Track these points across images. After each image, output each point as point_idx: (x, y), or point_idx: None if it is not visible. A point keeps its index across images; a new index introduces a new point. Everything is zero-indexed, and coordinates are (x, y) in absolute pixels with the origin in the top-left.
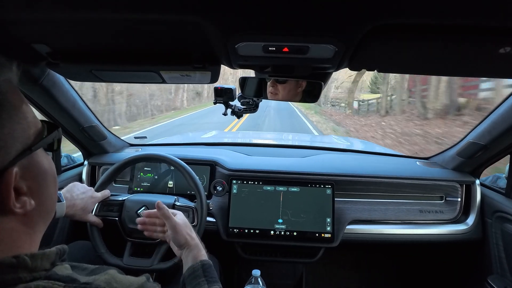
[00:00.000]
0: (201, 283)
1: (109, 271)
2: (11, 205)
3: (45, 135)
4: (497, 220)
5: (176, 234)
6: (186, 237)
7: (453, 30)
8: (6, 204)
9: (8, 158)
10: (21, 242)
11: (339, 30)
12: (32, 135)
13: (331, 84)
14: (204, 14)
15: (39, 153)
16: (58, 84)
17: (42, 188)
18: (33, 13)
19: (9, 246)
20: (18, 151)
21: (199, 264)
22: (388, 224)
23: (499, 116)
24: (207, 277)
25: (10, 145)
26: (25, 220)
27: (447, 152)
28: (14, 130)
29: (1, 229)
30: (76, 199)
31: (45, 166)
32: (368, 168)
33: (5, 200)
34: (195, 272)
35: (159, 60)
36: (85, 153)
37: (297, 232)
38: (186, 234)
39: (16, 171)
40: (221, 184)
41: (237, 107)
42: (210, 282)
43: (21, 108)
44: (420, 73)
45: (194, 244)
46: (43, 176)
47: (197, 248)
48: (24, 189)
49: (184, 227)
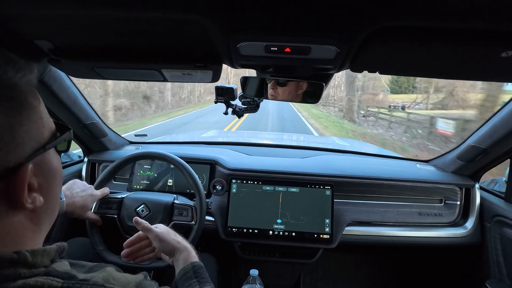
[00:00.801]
0: (193, 284)
1: (107, 269)
2: (23, 200)
3: (58, 135)
4: (496, 224)
5: (161, 243)
6: (172, 243)
7: (455, 32)
8: (19, 198)
9: (24, 154)
10: (26, 238)
11: (341, 31)
12: (46, 135)
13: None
14: (207, 13)
15: (51, 152)
16: (60, 80)
17: (51, 186)
18: (36, 10)
19: (14, 241)
20: (33, 148)
21: (189, 266)
22: (387, 226)
23: (500, 120)
24: (198, 278)
25: (27, 142)
26: (33, 216)
27: (447, 155)
28: (30, 128)
29: (10, 223)
30: (75, 196)
31: (55, 165)
32: (368, 170)
33: (19, 194)
34: (186, 273)
35: (161, 58)
36: (85, 150)
37: (296, 232)
38: (172, 240)
39: (31, 167)
40: (220, 183)
41: (238, 106)
42: (202, 282)
43: (38, 108)
44: (421, 75)
45: (183, 247)
46: (53, 174)
47: (186, 250)
48: (35, 185)
49: (167, 234)
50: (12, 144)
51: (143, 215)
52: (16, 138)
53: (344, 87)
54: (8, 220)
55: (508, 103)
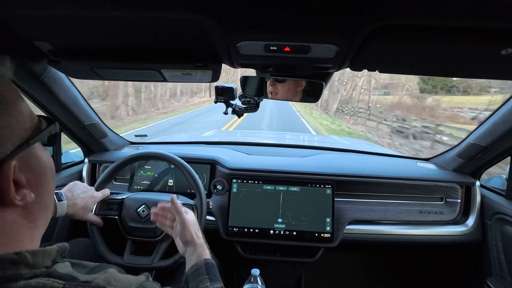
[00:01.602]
0: (204, 280)
1: (108, 270)
2: (11, 197)
3: (42, 129)
4: (497, 222)
5: (184, 230)
6: (192, 234)
7: (455, 30)
8: (7, 196)
9: (5, 151)
10: (22, 236)
11: (341, 30)
12: (29, 129)
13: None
14: (207, 13)
15: (38, 147)
16: (59, 81)
17: (41, 181)
18: (35, 11)
19: (10, 240)
20: (14, 144)
21: (202, 262)
22: (387, 224)
23: (500, 117)
24: (210, 275)
25: (6, 138)
26: (26, 213)
27: (448, 153)
28: (9, 123)
29: (2, 221)
30: (76, 198)
31: (44, 160)
32: (368, 169)
33: (6, 192)
34: (199, 270)
35: (161, 58)
36: (85, 151)
37: (297, 231)
38: (193, 232)
39: (14, 164)
40: (221, 183)
41: (238, 106)
42: (213, 280)
43: (17, 102)
44: (421, 73)
45: (200, 243)
46: (43, 170)
47: (202, 247)
48: (24, 181)
49: (193, 225)
50: None
51: (144, 216)
52: None
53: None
54: (0, 219)
55: (508, 101)
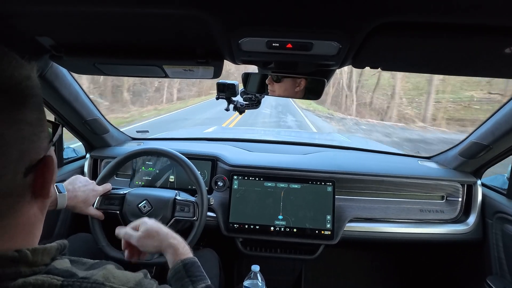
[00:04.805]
0: (186, 284)
1: (107, 266)
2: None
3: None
4: (497, 221)
5: (143, 244)
6: (153, 244)
7: (458, 28)
8: (48, 188)
9: (46, 146)
10: (37, 230)
11: (343, 27)
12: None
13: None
14: (209, 9)
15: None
16: (61, 77)
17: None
18: (37, 6)
19: (30, 232)
20: (47, 141)
21: (180, 265)
22: (388, 222)
23: (502, 116)
24: (191, 277)
25: (44, 137)
26: (42, 207)
27: (449, 152)
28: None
29: (27, 216)
30: (77, 191)
31: (54, 158)
32: (369, 166)
33: (48, 184)
34: (177, 274)
35: (163, 54)
36: (87, 146)
37: (297, 228)
38: (161, 236)
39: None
40: (222, 179)
41: (240, 102)
42: (195, 281)
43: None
44: (424, 71)
45: (173, 243)
46: (55, 166)
47: (170, 248)
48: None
49: (147, 234)
50: (41, 136)
51: (145, 211)
52: (43, 130)
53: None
54: (26, 214)
55: (510, 100)
